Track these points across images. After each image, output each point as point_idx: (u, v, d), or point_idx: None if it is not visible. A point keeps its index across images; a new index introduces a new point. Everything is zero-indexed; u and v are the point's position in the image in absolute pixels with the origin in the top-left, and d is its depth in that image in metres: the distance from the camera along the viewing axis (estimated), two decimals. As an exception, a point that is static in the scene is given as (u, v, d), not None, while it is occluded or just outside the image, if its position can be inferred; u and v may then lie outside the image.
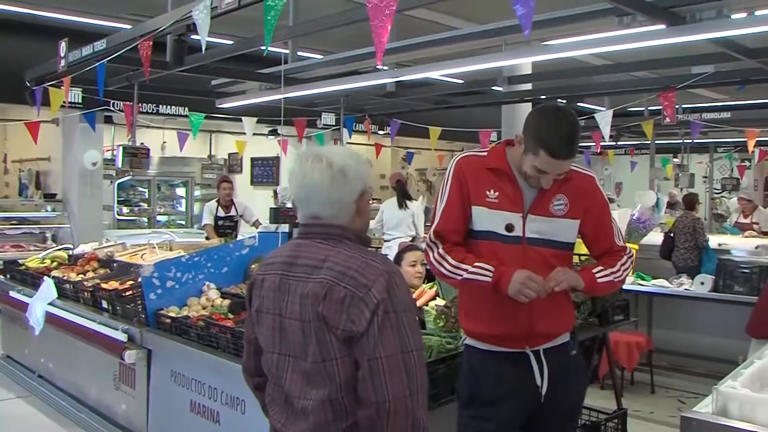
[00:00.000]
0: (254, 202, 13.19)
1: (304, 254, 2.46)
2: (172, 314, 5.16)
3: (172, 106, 12.70)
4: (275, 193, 11.48)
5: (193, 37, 6.30)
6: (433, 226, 3.31)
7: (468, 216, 3.26)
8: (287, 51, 9.26)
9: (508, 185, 3.22)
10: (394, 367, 2.25)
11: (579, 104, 14.04)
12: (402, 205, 10.88)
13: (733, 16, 6.03)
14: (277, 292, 2.47)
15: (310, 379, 2.38)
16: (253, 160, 17.25)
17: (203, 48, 5.47)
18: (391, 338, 2.27)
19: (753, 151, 15.76)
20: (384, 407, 2.24)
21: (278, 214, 6.42)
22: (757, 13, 6.56)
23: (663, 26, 6.04)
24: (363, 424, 2.31)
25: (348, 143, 13.73)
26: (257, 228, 9.70)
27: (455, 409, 3.43)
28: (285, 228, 6.22)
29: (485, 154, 3.36)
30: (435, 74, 10.27)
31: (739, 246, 11.07)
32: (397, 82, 10.50)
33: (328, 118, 13.56)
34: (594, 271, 3.27)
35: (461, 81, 12.45)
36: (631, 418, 5.88)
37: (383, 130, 14.49)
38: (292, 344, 2.42)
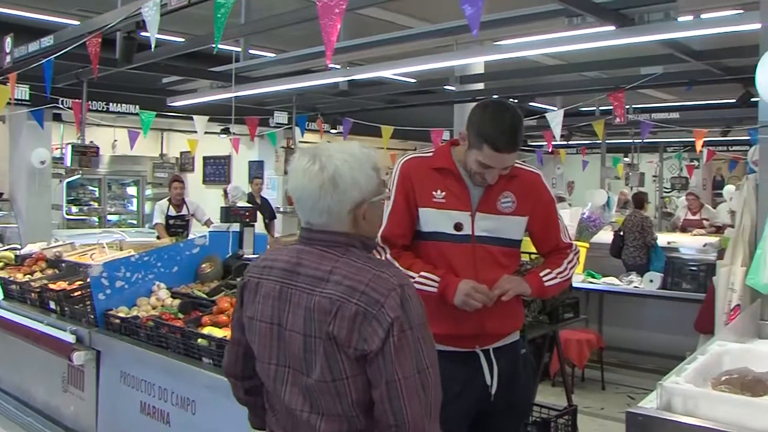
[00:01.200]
0: (206, 201, 13.09)
1: (307, 263, 2.31)
2: (121, 314, 5.10)
3: (123, 104, 12.53)
4: (225, 192, 11.42)
5: (143, 34, 6.22)
6: (380, 231, 3.29)
7: (414, 218, 3.25)
8: (239, 49, 9.21)
9: (455, 184, 3.22)
10: (412, 389, 2.15)
11: (531, 104, 14.16)
12: None
13: (680, 19, 6.14)
14: (276, 300, 2.33)
15: (314, 395, 2.26)
16: (205, 158, 17.13)
17: (153, 46, 5.41)
18: (409, 358, 2.16)
19: (701, 151, 16.01)
20: (404, 428, 2.15)
21: (229, 214, 6.36)
22: (703, 16, 6.69)
23: (612, 27, 6.12)
24: None
25: (300, 142, 13.69)
26: (209, 227, 9.64)
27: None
28: (236, 227, 6.18)
29: (430, 154, 3.36)
30: (387, 73, 10.30)
31: (688, 244, 11.25)
32: (349, 81, 10.49)
33: (280, 117, 13.53)
34: (541, 275, 3.30)
35: (414, 80, 12.49)
36: (582, 414, 5.95)
37: (336, 129, 14.48)
38: (292, 357, 2.30)
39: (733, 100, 10.07)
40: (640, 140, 15.65)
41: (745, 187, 3.79)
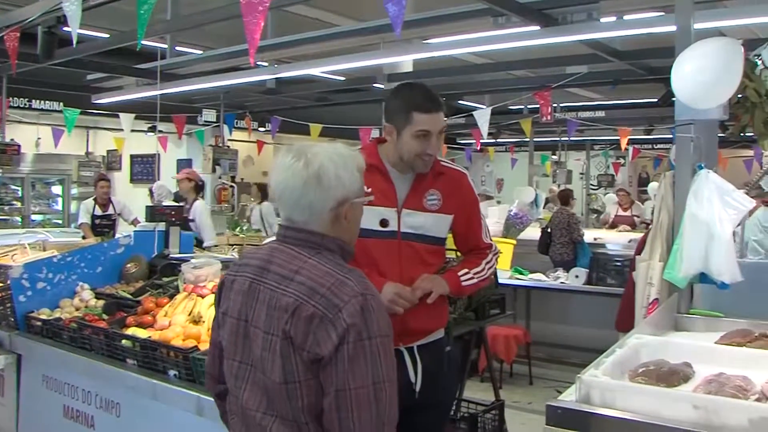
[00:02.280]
0: (134, 200, 12.89)
1: (278, 261, 2.28)
2: (43, 317, 4.98)
3: (46, 101, 12.31)
4: (150, 191, 11.27)
5: (65, 29, 6.10)
6: None
7: None
8: (165, 46, 9.10)
9: (381, 181, 3.24)
10: (363, 401, 2.08)
11: (460, 102, 14.28)
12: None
13: (603, 20, 6.26)
14: (245, 296, 2.30)
15: (269, 395, 2.22)
16: (132, 157, 16.85)
17: (75, 41, 5.30)
18: (364, 368, 2.08)
19: (627, 149, 16.35)
20: None
21: (155, 213, 6.26)
22: (625, 17, 6.83)
23: (536, 27, 6.21)
24: None
25: (229, 140, 13.59)
26: (136, 226, 9.50)
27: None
28: (162, 227, 6.10)
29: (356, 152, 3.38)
30: (315, 71, 10.30)
31: (614, 240, 11.46)
32: (277, 78, 10.46)
33: (208, 115, 13.42)
34: (459, 274, 3.32)
35: (342, 78, 12.49)
36: (510, 409, 6.02)
37: (264, 127, 14.42)
38: (254, 354, 2.25)
39: (656, 100, 10.30)
40: (567, 138, 15.91)
41: (662, 184, 3.88)
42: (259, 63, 9.70)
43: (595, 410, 2.34)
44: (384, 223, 3.21)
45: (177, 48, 9.61)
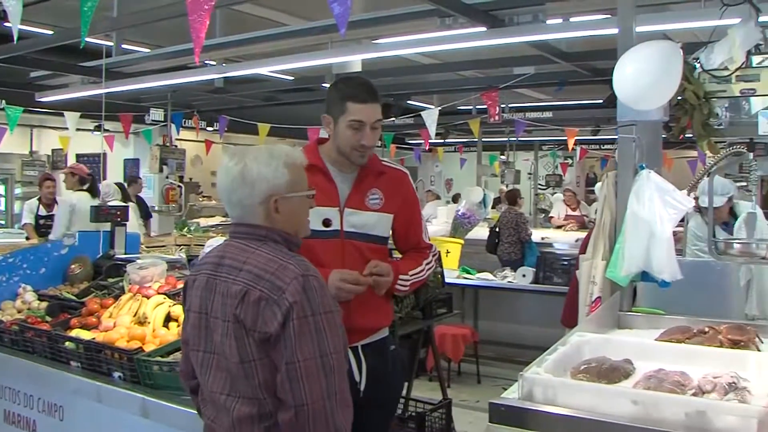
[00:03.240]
0: (80, 200, 12.68)
1: (229, 255, 2.46)
2: (-17, 319, 4.90)
3: (-13, 99, 12.05)
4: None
5: (5, 24, 5.99)
6: None
7: None
8: (111, 43, 8.99)
9: (323, 180, 3.24)
10: (312, 371, 2.24)
11: (409, 102, 14.31)
12: None
13: (549, 21, 6.33)
14: (204, 290, 2.47)
15: (231, 377, 2.38)
16: (78, 156, 16.58)
17: (15, 37, 5.20)
18: (309, 342, 2.25)
19: (574, 149, 16.54)
20: (303, 411, 2.23)
21: (99, 213, 6.17)
22: (571, 19, 6.91)
23: (483, 28, 6.26)
24: (283, 427, 2.29)
25: (176, 140, 13.47)
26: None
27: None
28: (107, 227, 6.01)
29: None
30: (264, 70, 10.25)
31: (561, 239, 11.60)
32: (225, 78, 10.38)
33: (156, 114, 13.25)
34: (400, 272, 3.34)
35: (291, 78, 12.45)
36: (458, 408, 6.06)
37: (212, 126, 14.31)
38: (215, 342, 2.41)
39: (602, 101, 10.44)
40: (515, 138, 16.04)
41: (605, 184, 3.94)
42: (207, 62, 9.62)
43: (538, 407, 2.38)
44: (327, 222, 3.21)
45: (123, 46, 9.49)
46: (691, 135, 3.77)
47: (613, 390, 2.43)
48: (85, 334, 4.18)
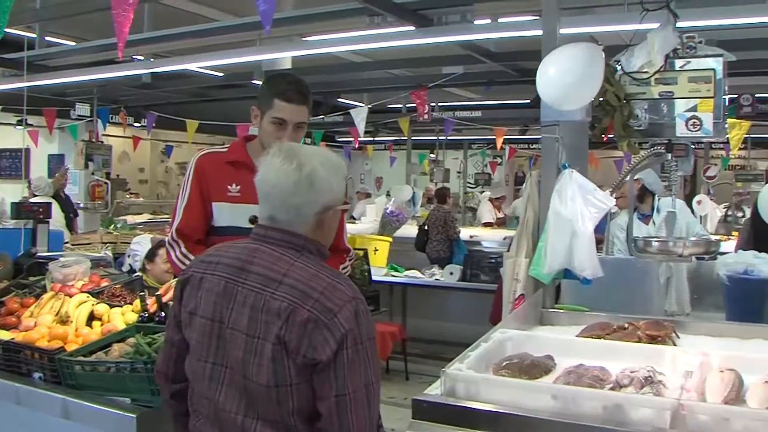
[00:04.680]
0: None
1: (260, 262, 2.23)
2: None
3: None
4: (29, 183, 10.83)
5: None
6: (175, 225, 3.29)
7: (209, 213, 3.27)
8: (34, 35, 8.80)
9: (249, 177, 3.21)
10: (360, 402, 2.12)
11: (339, 100, 14.30)
12: None
13: (477, 22, 6.40)
14: (220, 297, 2.23)
15: (252, 398, 2.17)
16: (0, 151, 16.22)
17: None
18: (359, 372, 2.12)
19: (503, 148, 16.73)
20: None
21: (21, 210, 6.03)
22: (499, 20, 6.99)
23: (411, 27, 6.29)
24: None
25: (103, 135, 13.24)
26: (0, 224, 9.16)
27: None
28: (30, 224, 5.90)
29: (225, 149, 3.39)
30: (193, 66, 10.12)
31: (489, 238, 11.72)
32: (153, 73, 10.24)
33: (81, 109, 12.97)
34: None
35: (221, 74, 12.33)
36: (386, 405, 6.07)
37: (140, 122, 14.11)
38: (232, 357, 2.19)
39: (529, 101, 10.57)
40: (445, 137, 16.15)
41: (528, 183, 4.01)
42: (134, 57, 9.48)
43: (460, 403, 2.42)
44: (253, 220, 3.20)
45: (47, 38, 9.29)
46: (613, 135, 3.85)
47: (534, 385, 2.48)
48: (3, 334, 4.07)
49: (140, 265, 5.70)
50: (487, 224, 14.82)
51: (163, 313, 4.17)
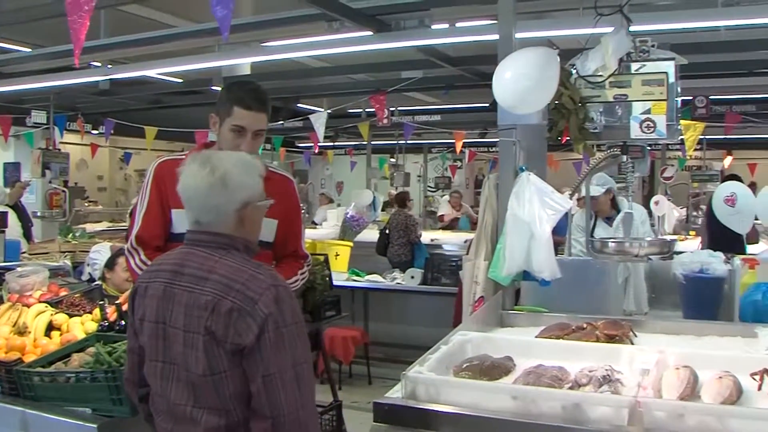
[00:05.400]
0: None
1: (191, 263, 2.40)
2: None
3: None
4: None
5: None
6: (134, 232, 3.27)
7: (169, 220, 3.26)
8: (-12, 42, 8.70)
9: None
10: (288, 382, 2.25)
11: (298, 105, 14.26)
12: None
13: (434, 27, 6.43)
14: (161, 300, 2.40)
15: (196, 389, 2.34)
16: (-49, 158, 15.95)
17: None
18: (284, 353, 2.26)
19: (462, 152, 16.80)
20: (279, 421, 2.25)
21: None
22: (457, 24, 7.03)
23: (370, 33, 6.31)
24: None
25: (60, 143, 13.08)
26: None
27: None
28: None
29: (184, 156, 3.37)
30: (151, 72, 10.06)
31: (450, 241, 11.77)
32: (111, 80, 10.14)
33: (38, 116, 12.79)
34: None
35: (180, 80, 12.25)
36: (349, 409, 6.07)
37: (97, 129, 13.96)
38: (176, 354, 2.36)
39: (488, 105, 10.64)
40: (405, 141, 16.18)
41: (486, 186, 4.04)
42: (91, 63, 9.38)
43: (421, 405, 2.44)
44: None
45: (2, 45, 9.18)
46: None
47: (494, 386, 2.51)
48: (-49, 347, 4.03)
49: (100, 274, 5.65)
50: (441, 218, 14.90)
51: (123, 322, 4.14)
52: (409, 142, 16.48)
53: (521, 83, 3.42)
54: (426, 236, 11.73)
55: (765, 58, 9.26)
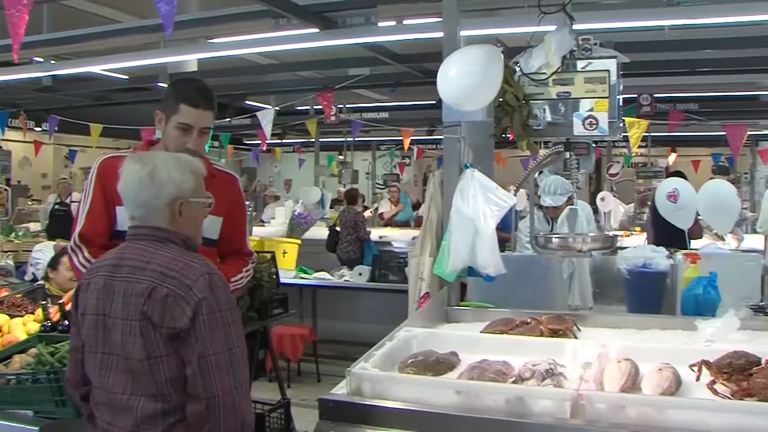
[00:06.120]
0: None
1: (129, 256, 2.47)
2: None
3: None
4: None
5: None
6: (77, 230, 3.22)
7: (113, 217, 3.22)
8: None
9: None
10: (222, 364, 2.33)
11: (246, 102, 14.20)
12: None
13: (381, 24, 6.44)
14: (101, 293, 2.45)
15: (134, 376, 2.38)
16: None
17: None
18: (218, 336, 2.34)
19: (411, 149, 16.86)
20: (213, 402, 2.30)
21: None
22: (404, 21, 7.05)
23: (316, 30, 6.31)
24: (192, 419, 2.35)
25: (1, 140, 12.86)
26: None
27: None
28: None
29: (129, 153, 3.34)
30: (96, 69, 9.93)
31: (399, 238, 11.80)
32: (54, 76, 9.99)
33: (-22, 113, 12.59)
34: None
35: (125, 77, 12.10)
36: (298, 407, 6.06)
37: (41, 126, 13.73)
38: (115, 343, 2.41)
39: (434, 102, 10.68)
40: (353, 139, 16.19)
41: (432, 183, 4.06)
42: (34, 59, 9.23)
43: (365, 401, 2.44)
44: None
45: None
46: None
47: (438, 382, 2.53)
48: None
49: (43, 274, 5.57)
50: (381, 215, 14.96)
51: (66, 322, 4.09)
52: (357, 139, 16.51)
53: (465, 80, 3.44)
54: (375, 233, 11.74)
55: (707, 57, 9.46)
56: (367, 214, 14.01)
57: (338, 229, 10.92)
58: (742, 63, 9.70)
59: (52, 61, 9.40)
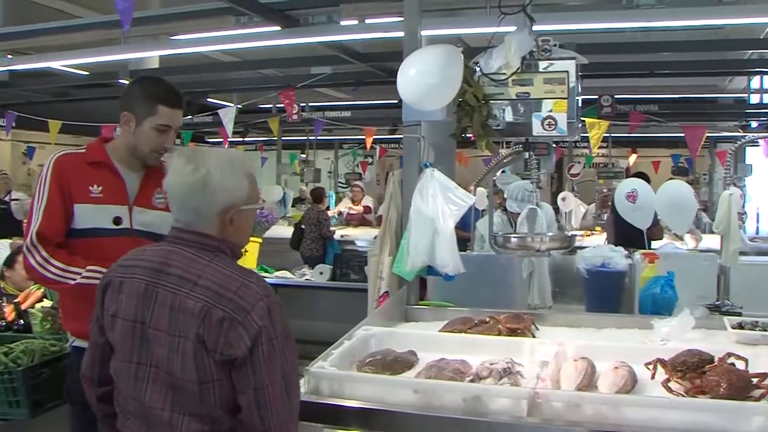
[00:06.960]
0: None
1: (176, 264, 2.28)
2: None
3: None
4: None
5: None
6: (34, 228, 3.16)
7: (70, 215, 3.17)
8: None
9: (111, 178, 3.20)
10: (278, 394, 2.19)
11: (208, 100, 14.12)
12: None
13: (343, 23, 6.45)
14: (141, 298, 2.28)
15: (176, 392, 2.23)
16: None
17: None
18: (276, 365, 2.19)
19: (373, 148, 16.87)
20: None
21: None
22: (366, 21, 7.06)
23: (278, 28, 6.30)
24: None
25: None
26: None
27: (64, 413, 3.29)
28: None
29: (83, 150, 3.31)
30: (56, 64, 9.81)
31: (361, 237, 11.82)
32: (11, 71, 9.87)
33: (-67, 109, 12.39)
34: None
35: (86, 73, 11.97)
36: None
37: (-2, 122, 13.55)
38: (157, 356, 2.25)
39: (397, 101, 10.71)
40: (315, 137, 16.18)
41: (391, 182, 4.07)
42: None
43: (323, 400, 2.44)
44: (117, 221, 3.18)
45: None
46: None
47: (396, 380, 2.54)
48: None
49: (-1, 272, 5.49)
50: (340, 213, 14.98)
51: (22, 321, 4.05)
52: (319, 138, 16.50)
53: (425, 80, 3.45)
54: (338, 232, 11.75)
55: (667, 60, 9.58)
56: (331, 213, 14.01)
57: (303, 227, 10.93)
58: (702, 66, 9.85)
59: (10, 56, 9.27)
